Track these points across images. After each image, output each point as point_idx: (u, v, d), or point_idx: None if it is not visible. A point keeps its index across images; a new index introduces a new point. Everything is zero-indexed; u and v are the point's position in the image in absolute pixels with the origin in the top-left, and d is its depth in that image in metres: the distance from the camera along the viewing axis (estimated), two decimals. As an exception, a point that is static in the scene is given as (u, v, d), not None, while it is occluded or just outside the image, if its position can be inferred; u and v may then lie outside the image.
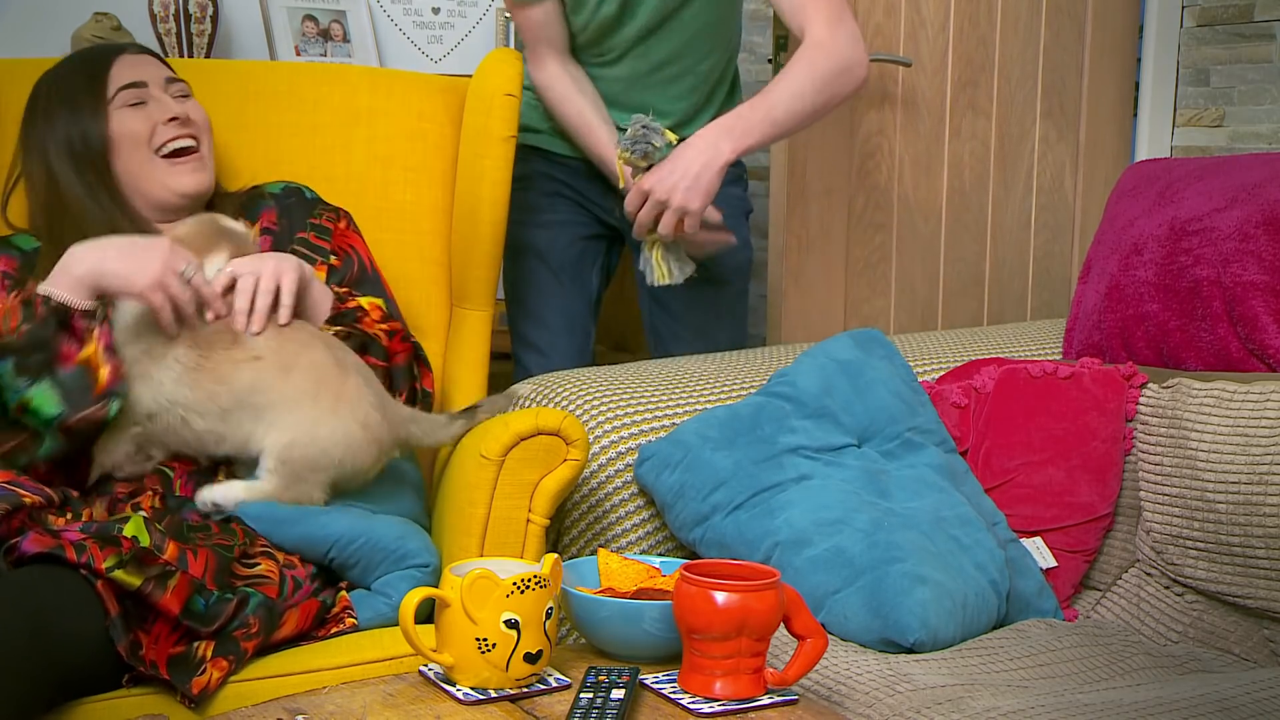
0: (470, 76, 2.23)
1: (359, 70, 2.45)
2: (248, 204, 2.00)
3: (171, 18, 2.70)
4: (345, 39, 2.92)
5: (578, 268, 2.49)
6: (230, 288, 1.77)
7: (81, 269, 1.69)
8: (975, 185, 2.82)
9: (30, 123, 1.92)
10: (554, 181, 2.45)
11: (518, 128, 2.15)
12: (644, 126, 2.17)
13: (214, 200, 1.99)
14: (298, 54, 2.84)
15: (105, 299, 1.72)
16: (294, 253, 1.93)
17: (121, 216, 1.89)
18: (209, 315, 1.76)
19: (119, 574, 1.52)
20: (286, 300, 1.78)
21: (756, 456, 1.91)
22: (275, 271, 1.79)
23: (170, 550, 1.61)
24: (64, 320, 1.68)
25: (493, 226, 2.14)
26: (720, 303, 2.50)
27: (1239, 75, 2.75)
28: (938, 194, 2.77)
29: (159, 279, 1.69)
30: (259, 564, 1.69)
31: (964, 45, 2.75)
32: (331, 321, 1.87)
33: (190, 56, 2.71)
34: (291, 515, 1.74)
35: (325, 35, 2.89)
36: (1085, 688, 1.65)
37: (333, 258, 1.98)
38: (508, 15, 2.98)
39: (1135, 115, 3.00)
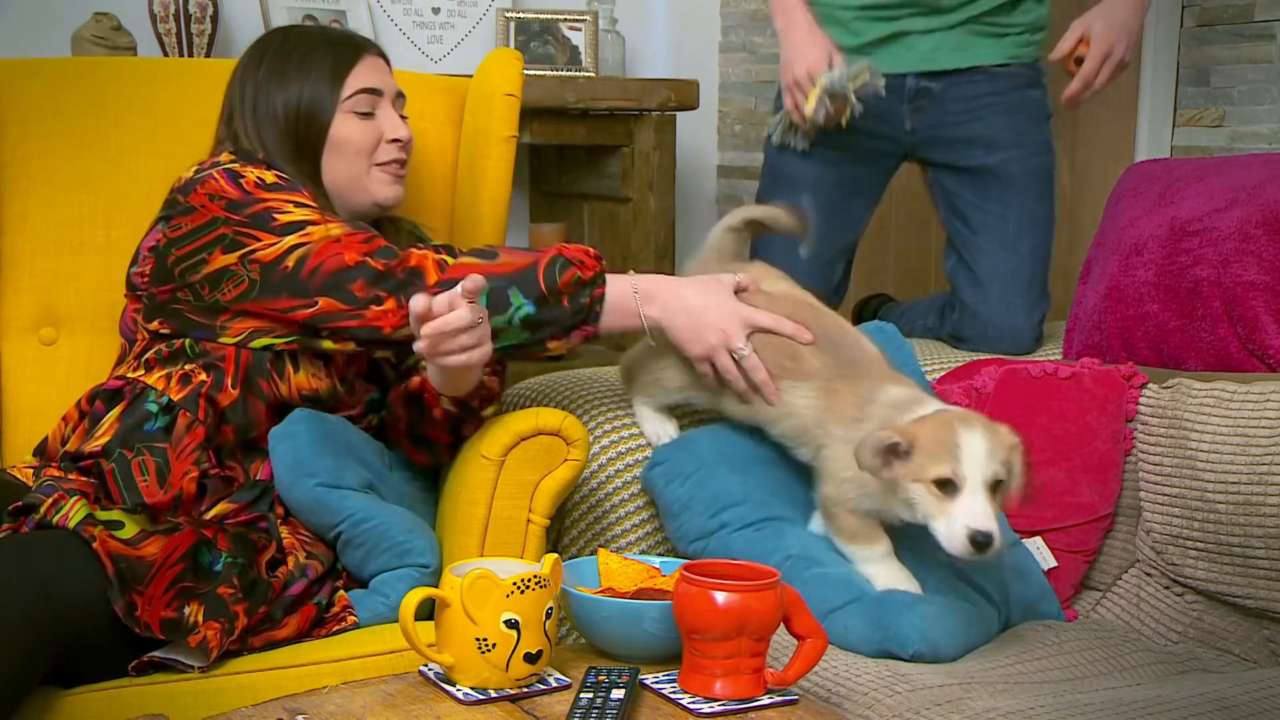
0: (470, 76, 2.23)
1: (359, 70, 2.45)
2: (413, 237, 2.02)
3: (171, 18, 2.70)
4: (345, 39, 2.91)
5: (843, 205, 2.46)
6: None
7: (650, 311, 1.81)
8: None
9: (255, 71, 1.91)
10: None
11: (517, 128, 2.15)
12: (870, 73, 2.25)
13: (383, 223, 2.00)
14: (298, 54, 2.84)
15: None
16: None
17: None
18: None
19: (118, 513, 1.60)
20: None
21: (771, 488, 1.90)
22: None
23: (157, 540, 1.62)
24: (581, 323, 1.76)
25: (493, 226, 2.14)
26: (1021, 209, 2.43)
27: (1239, 75, 2.74)
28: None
29: (710, 354, 1.82)
30: (279, 564, 1.72)
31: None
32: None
33: (190, 56, 2.71)
34: (316, 470, 1.76)
35: (325, 35, 2.89)
36: (1085, 687, 1.65)
37: None
38: (508, 15, 2.98)
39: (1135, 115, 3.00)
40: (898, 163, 2.53)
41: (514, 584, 1.43)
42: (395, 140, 1.93)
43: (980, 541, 1.59)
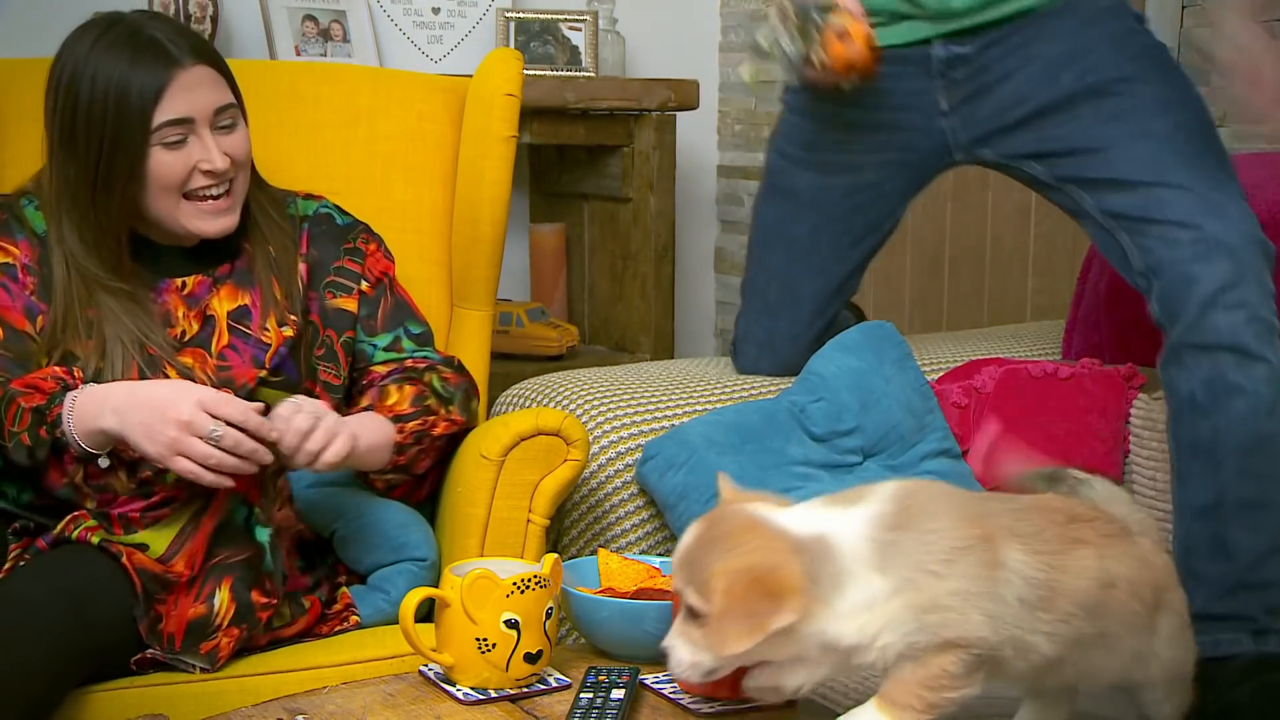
0: (470, 76, 2.23)
1: (359, 70, 2.45)
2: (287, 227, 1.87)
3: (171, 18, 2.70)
4: (345, 39, 2.91)
5: (849, 223, 2.05)
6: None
7: (107, 423, 1.57)
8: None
9: (60, 106, 1.71)
10: (853, 108, 1.93)
11: (517, 128, 2.15)
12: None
13: (251, 212, 1.84)
14: (298, 54, 2.84)
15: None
16: (330, 284, 1.86)
17: (120, 247, 1.74)
18: (272, 435, 1.60)
19: (143, 535, 1.59)
20: (329, 457, 1.63)
21: (764, 464, 1.90)
22: (330, 430, 1.64)
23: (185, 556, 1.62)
24: (60, 452, 1.62)
25: (493, 227, 2.14)
26: (1135, 100, 1.85)
27: (1239, 75, 2.74)
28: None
29: (173, 447, 1.55)
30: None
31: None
32: (402, 450, 1.78)
33: (190, 56, 2.71)
34: (304, 473, 1.74)
35: (325, 35, 2.89)
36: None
37: (363, 283, 1.88)
38: (508, 15, 2.98)
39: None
40: (939, 163, 2.03)
41: (514, 584, 1.43)
42: (209, 171, 1.71)
43: None
